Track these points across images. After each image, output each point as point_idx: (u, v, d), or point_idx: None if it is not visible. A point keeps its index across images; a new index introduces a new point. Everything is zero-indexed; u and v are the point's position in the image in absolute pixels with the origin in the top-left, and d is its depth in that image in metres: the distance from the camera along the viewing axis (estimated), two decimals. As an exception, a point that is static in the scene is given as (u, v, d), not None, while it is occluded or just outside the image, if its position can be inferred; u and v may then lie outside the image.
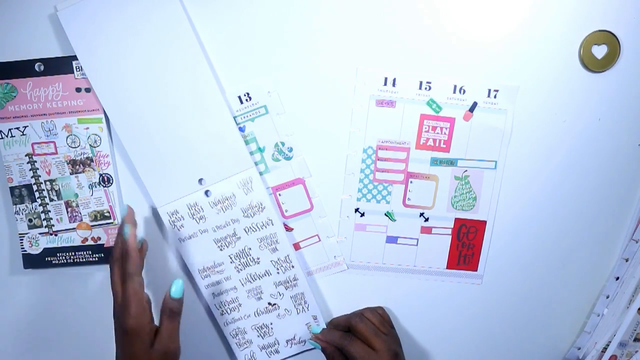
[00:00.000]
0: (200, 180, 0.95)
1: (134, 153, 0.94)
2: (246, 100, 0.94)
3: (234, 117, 0.94)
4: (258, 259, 0.98)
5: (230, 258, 0.98)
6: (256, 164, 0.96)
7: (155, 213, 0.98)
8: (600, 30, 0.92)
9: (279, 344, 1.02)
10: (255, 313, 1.00)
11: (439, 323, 1.04)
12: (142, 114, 0.92)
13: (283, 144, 0.96)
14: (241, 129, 0.95)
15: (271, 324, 1.01)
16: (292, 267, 0.98)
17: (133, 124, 0.93)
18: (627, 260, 0.98)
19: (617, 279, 1.00)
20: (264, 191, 0.95)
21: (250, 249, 0.97)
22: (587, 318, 1.04)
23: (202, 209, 0.96)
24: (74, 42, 0.90)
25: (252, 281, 0.99)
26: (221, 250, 0.97)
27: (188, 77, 0.91)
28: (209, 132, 0.93)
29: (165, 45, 0.90)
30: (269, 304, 1.00)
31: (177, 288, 0.84)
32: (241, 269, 0.98)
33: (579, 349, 1.04)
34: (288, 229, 0.99)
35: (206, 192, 0.95)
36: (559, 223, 1.00)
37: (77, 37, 0.90)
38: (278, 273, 0.99)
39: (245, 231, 0.97)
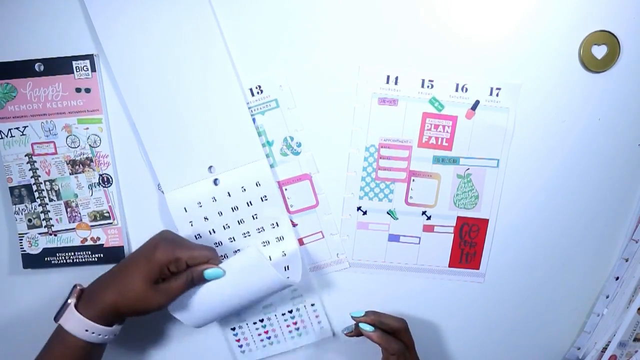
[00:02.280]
0: (210, 168, 0.95)
1: (145, 134, 0.94)
2: (257, 92, 0.95)
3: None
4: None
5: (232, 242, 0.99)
6: (266, 156, 0.96)
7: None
8: (600, 30, 0.92)
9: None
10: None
11: (441, 321, 1.05)
12: (158, 95, 0.92)
13: (292, 138, 0.96)
14: (251, 121, 0.97)
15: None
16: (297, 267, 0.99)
17: (148, 105, 0.93)
18: (627, 260, 0.99)
19: (617, 279, 1.00)
20: (273, 185, 0.96)
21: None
22: (587, 318, 1.04)
23: (210, 198, 0.96)
24: (102, 37, 0.90)
25: None
26: (225, 238, 0.98)
27: (207, 63, 0.92)
28: (223, 120, 0.94)
29: (185, 29, 0.91)
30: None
31: (214, 274, 0.87)
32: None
33: (579, 348, 1.04)
34: (292, 224, 0.99)
35: (215, 181, 0.95)
36: (559, 223, 1.01)
37: (105, 33, 0.90)
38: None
39: (250, 223, 0.97)
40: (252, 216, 0.97)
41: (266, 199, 0.96)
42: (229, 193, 0.95)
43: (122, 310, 0.83)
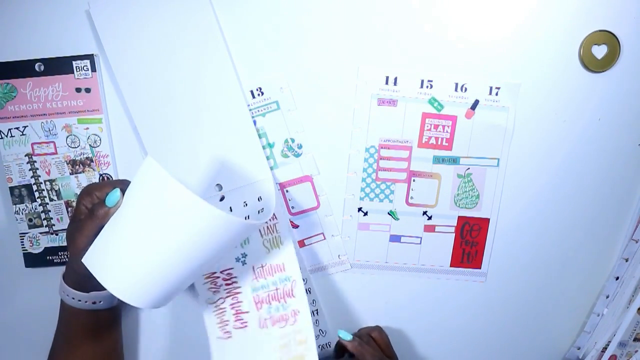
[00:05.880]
0: (217, 186, 0.95)
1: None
2: (258, 94, 0.95)
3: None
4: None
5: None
6: (267, 159, 0.96)
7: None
8: (600, 30, 0.92)
9: None
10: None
11: (442, 321, 1.05)
12: (158, 95, 0.93)
13: (293, 140, 0.96)
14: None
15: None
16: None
17: (148, 105, 0.93)
18: (627, 260, 0.99)
19: (617, 278, 1.00)
20: (272, 197, 0.95)
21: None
22: (587, 318, 1.04)
23: None
24: (103, 38, 0.90)
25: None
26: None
27: (207, 65, 0.92)
28: (231, 140, 0.94)
29: (186, 29, 0.91)
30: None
31: (111, 197, 0.77)
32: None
33: (579, 348, 1.04)
34: (294, 225, 0.99)
35: (221, 199, 0.95)
36: (559, 223, 1.01)
37: (106, 34, 0.91)
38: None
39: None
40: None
41: (262, 211, 0.95)
42: (230, 208, 0.96)
43: (73, 265, 0.82)
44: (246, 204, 0.95)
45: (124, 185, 0.78)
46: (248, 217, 0.95)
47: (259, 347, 0.96)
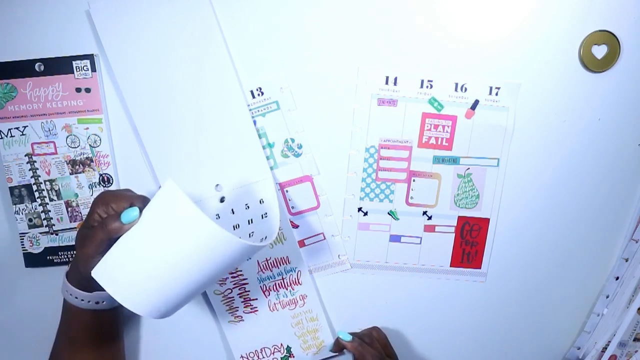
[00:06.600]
0: (217, 186, 0.95)
1: (146, 135, 0.94)
2: (258, 95, 0.95)
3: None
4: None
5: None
6: (266, 159, 0.96)
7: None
8: (600, 30, 0.92)
9: None
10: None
11: (442, 321, 1.05)
12: (158, 95, 0.92)
13: (293, 140, 0.96)
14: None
15: None
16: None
17: (148, 106, 0.93)
18: (627, 260, 0.99)
19: (617, 278, 1.00)
20: (275, 204, 0.95)
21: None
22: (587, 318, 1.04)
23: (215, 215, 0.95)
24: (103, 38, 0.90)
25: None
26: None
27: (207, 65, 0.92)
28: (230, 140, 0.94)
29: (186, 29, 0.91)
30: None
31: (128, 214, 0.76)
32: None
33: (579, 348, 1.04)
34: (293, 225, 0.99)
35: (221, 199, 0.95)
36: (559, 222, 1.01)
37: (106, 34, 0.90)
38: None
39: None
40: (249, 234, 0.96)
41: (266, 216, 0.96)
42: (232, 210, 0.96)
43: (79, 267, 0.82)
44: (248, 207, 0.95)
45: (141, 202, 0.78)
46: (252, 220, 0.95)
47: (272, 325, 1.01)
